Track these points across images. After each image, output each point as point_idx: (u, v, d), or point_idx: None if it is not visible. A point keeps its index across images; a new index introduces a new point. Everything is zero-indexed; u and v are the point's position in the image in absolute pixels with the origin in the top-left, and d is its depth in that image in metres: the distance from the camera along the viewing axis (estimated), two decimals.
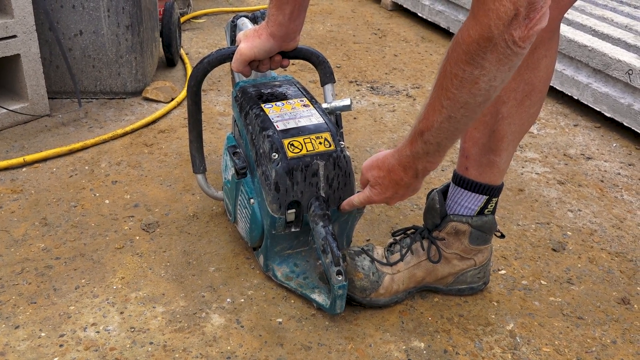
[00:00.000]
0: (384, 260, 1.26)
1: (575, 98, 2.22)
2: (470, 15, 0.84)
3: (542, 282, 1.37)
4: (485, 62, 0.85)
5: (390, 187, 1.11)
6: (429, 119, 0.96)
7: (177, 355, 1.13)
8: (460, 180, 1.24)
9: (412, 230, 1.31)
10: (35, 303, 1.24)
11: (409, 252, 1.27)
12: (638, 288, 1.37)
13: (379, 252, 1.28)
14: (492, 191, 1.24)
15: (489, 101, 0.92)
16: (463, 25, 0.86)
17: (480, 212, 1.24)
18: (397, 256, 1.27)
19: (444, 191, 1.27)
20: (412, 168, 1.06)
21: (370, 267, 1.24)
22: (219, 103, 2.15)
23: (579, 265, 1.43)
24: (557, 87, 2.28)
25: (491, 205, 1.25)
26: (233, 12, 3.22)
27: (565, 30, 2.27)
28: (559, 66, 2.27)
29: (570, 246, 1.49)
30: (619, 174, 1.86)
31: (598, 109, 2.14)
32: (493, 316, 1.27)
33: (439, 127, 0.96)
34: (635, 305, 1.32)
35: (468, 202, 1.24)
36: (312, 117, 1.26)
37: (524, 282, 1.37)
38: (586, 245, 1.50)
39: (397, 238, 1.31)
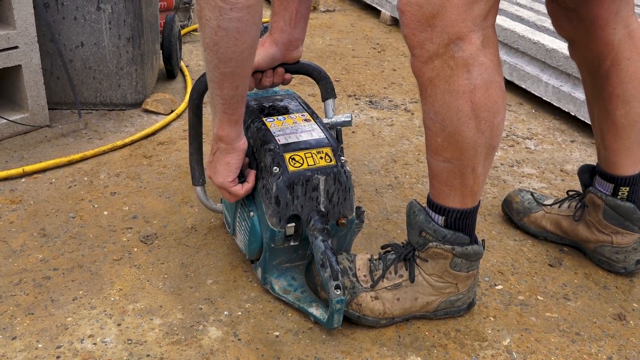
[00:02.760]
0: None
1: (572, 114, 2.24)
2: None
3: (539, 297, 1.38)
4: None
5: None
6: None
7: None
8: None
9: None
10: (32, 314, 1.24)
11: None
12: (634, 304, 1.37)
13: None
14: None
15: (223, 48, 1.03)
16: None
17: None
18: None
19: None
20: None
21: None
22: None
23: (576, 281, 1.44)
24: (555, 103, 2.30)
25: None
26: None
27: (562, 47, 2.29)
28: (556, 82, 2.29)
29: (567, 262, 1.50)
30: None
31: None
32: (489, 331, 1.27)
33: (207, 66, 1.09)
34: (631, 322, 1.32)
35: None
36: (313, 132, 1.27)
37: (520, 298, 1.37)
38: (582, 260, 1.51)
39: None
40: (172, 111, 2.14)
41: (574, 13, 1.29)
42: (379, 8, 3.52)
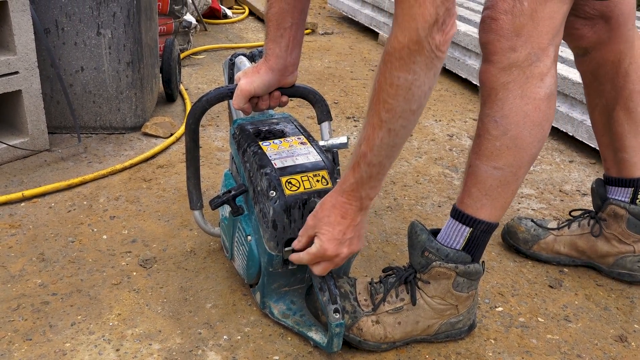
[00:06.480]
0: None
1: (570, 134, 2.25)
2: (395, 25, 0.94)
3: (540, 319, 1.37)
4: (416, 66, 0.94)
5: (337, 226, 1.10)
6: (370, 138, 1.03)
7: None
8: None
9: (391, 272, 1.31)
10: (30, 340, 1.23)
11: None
12: (635, 325, 1.37)
13: None
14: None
15: (421, 108, 1.01)
16: (390, 36, 0.96)
17: None
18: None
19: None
20: (356, 197, 1.09)
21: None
22: (217, 138, 2.17)
23: (576, 302, 1.43)
24: (553, 124, 2.31)
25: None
26: (232, 48, 3.27)
27: (560, 68, 2.31)
28: None
29: (567, 283, 1.50)
30: None
31: (593, 146, 2.16)
32: (490, 354, 1.26)
33: (380, 143, 1.03)
34: (633, 343, 1.32)
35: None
36: (309, 155, 1.27)
37: (521, 319, 1.37)
38: (583, 282, 1.50)
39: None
40: (171, 134, 2.15)
41: (596, 18, 1.34)
42: (377, 30, 3.55)
